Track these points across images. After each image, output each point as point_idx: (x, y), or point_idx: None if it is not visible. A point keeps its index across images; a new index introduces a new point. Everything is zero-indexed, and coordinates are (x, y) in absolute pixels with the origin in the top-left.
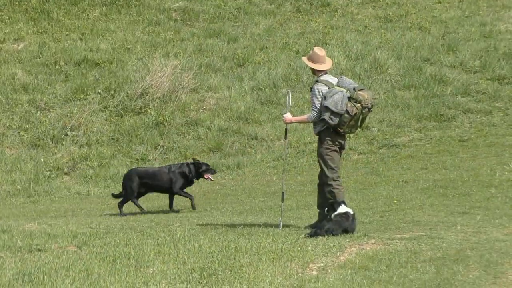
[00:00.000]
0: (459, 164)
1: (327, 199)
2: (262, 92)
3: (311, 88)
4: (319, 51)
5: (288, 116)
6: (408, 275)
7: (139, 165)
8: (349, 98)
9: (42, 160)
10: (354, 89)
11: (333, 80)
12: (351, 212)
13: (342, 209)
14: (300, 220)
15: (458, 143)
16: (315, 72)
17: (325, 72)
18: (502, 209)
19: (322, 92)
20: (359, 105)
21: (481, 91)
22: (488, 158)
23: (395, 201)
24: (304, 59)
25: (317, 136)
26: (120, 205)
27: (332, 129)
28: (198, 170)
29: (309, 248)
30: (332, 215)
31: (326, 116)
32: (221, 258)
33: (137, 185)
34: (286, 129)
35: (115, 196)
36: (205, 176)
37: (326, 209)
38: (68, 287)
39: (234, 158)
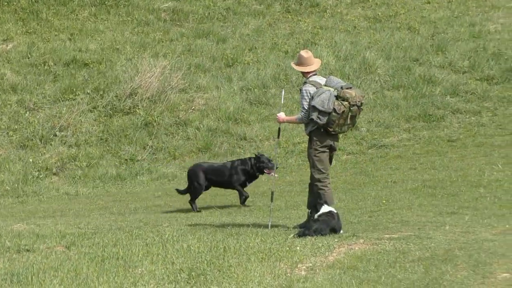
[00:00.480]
0: (448, 164)
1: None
2: (251, 93)
3: (300, 89)
4: (304, 53)
5: (281, 115)
6: (397, 275)
7: (128, 165)
8: (337, 97)
9: (30, 160)
10: (341, 87)
11: (322, 80)
12: (335, 211)
13: (325, 208)
14: (289, 220)
15: (447, 143)
16: (304, 74)
17: (314, 73)
18: (491, 209)
19: (310, 93)
20: (346, 103)
21: (470, 91)
22: (477, 158)
23: (384, 201)
24: (292, 64)
25: (308, 137)
26: (192, 202)
27: (322, 130)
28: (257, 165)
29: (298, 248)
30: (316, 215)
31: (314, 115)
32: (209, 258)
33: (203, 181)
34: (279, 128)
35: (180, 192)
36: (266, 171)
37: (309, 211)
38: None
39: (223, 158)
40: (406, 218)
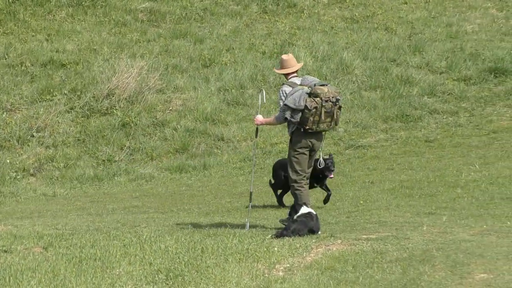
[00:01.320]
0: (425, 164)
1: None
2: (229, 93)
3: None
4: (285, 56)
5: (259, 117)
6: (374, 275)
7: (106, 166)
8: (309, 94)
9: (8, 161)
10: (314, 85)
11: (298, 80)
12: (314, 213)
13: (304, 210)
14: (266, 221)
15: (424, 143)
16: (285, 76)
17: (294, 74)
18: (468, 210)
19: (286, 93)
20: (318, 99)
21: (447, 91)
22: (454, 158)
23: (362, 202)
24: (275, 70)
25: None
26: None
27: (302, 130)
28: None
29: (276, 249)
30: (295, 216)
31: (288, 114)
32: (187, 259)
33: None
34: (256, 128)
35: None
36: (327, 173)
37: (288, 212)
38: None
39: (200, 159)
40: (383, 218)
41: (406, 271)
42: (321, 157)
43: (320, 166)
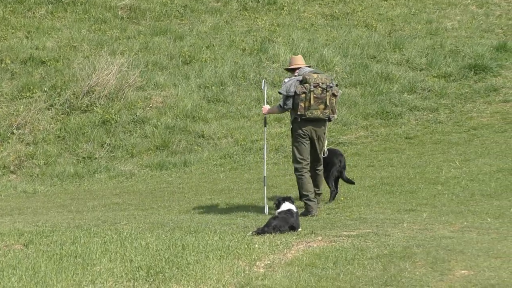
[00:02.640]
0: (405, 161)
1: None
2: (209, 90)
3: None
4: (293, 55)
5: (266, 107)
6: (355, 272)
7: (86, 163)
8: (301, 82)
9: None
10: (306, 72)
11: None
12: (295, 210)
13: (285, 206)
14: (247, 218)
15: (404, 140)
16: (292, 73)
17: (299, 70)
18: (449, 206)
19: (284, 83)
20: (307, 84)
21: (427, 88)
22: (434, 155)
23: (342, 199)
24: (284, 68)
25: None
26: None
27: (299, 118)
28: None
29: (256, 245)
30: (276, 212)
31: (281, 102)
32: (168, 256)
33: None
34: (265, 118)
35: (348, 181)
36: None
37: (274, 203)
38: (14, 286)
39: (181, 156)
40: (364, 215)
41: (386, 267)
42: (325, 147)
43: (324, 155)
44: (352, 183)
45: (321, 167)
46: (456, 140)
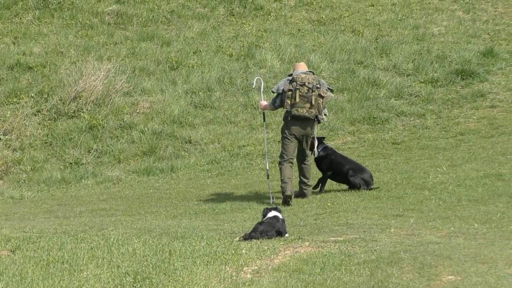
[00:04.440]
0: (392, 166)
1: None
2: (196, 96)
3: None
4: (296, 63)
5: (263, 102)
6: (342, 277)
7: (73, 168)
8: (290, 81)
9: None
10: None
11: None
12: (281, 217)
13: (271, 214)
14: (234, 223)
15: (391, 146)
16: None
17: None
18: (436, 212)
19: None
20: (294, 83)
21: (414, 94)
22: (421, 160)
23: (329, 204)
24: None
25: None
26: None
27: (289, 117)
28: None
29: (243, 251)
30: (264, 219)
31: (272, 100)
32: (155, 261)
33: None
34: (263, 113)
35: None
36: None
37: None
38: None
39: (168, 161)
40: (351, 220)
41: (373, 273)
42: (315, 147)
43: (314, 156)
44: (358, 188)
45: (307, 161)
46: (443, 146)
